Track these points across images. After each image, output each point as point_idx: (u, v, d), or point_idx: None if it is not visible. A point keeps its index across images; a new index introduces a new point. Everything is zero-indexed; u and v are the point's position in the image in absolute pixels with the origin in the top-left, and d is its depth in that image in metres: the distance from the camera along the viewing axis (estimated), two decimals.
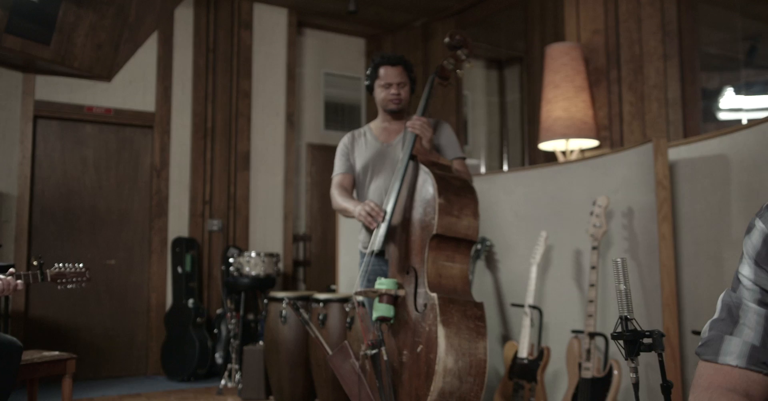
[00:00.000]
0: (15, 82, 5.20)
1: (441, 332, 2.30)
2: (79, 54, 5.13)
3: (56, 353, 3.19)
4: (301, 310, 2.67)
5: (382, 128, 3.02)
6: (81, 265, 2.93)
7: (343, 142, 3.08)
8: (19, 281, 2.73)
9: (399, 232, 2.68)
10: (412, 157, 2.71)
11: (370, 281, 2.78)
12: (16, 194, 5.16)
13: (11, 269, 2.82)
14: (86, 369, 5.21)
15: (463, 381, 2.30)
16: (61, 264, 2.89)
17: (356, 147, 3.02)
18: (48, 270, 2.84)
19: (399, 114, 3.00)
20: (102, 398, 4.64)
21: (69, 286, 2.88)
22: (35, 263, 2.84)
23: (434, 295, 2.37)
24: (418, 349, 2.39)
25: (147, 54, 5.70)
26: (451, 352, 2.29)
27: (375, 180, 2.93)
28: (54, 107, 5.35)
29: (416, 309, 2.45)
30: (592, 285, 3.07)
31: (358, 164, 2.99)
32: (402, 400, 2.45)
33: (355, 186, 3.05)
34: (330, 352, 2.60)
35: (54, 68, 5.19)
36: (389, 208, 2.63)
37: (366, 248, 2.81)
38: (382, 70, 2.90)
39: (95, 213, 5.53)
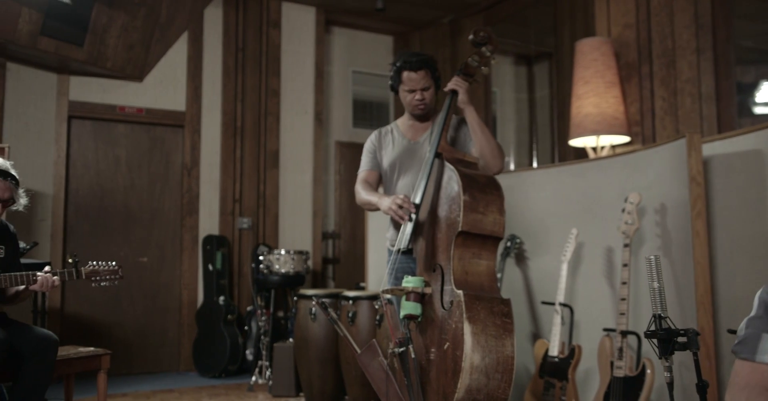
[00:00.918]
0: (50, 83, 5.31)
1: (467, 329, 2.29)
2: (112, 55, 5.21)
3: (91, 349, 3.25)
4: (330, 309, 2.68)
5: (409, 125, 3.01)
6: (114, 263, 2.99)
7: (370, 139, 3.07)
8: (55, 278, 2.79)
9: (426, 230, 2.67)
10: (438, 154, 2.70)
11: (398, 278, 2.78)
12: (51, 193, 5.27)
13: (47, 267, 2.88)
14: (119, 364, 5.29)
15: (490, 378, 2.28)
16: (95, 262, 2.95)
17: (383, 145, 3.02)
18: (83, 268, 2.90)
19: (425, 115, 2.99)
20: (135, 393, 4.72)
21: (103, 283, 2.93)
22: (70, 261, 2.90)
23: (460, 292, 2.36)
24: (445, 346, 2.38)
25: (177, 54, 5.77)
26: (477, 349, 2.28)
27: (403, 178, 2.92)
28: (87, 107, 5.45)
29: (443, 307, 2.44)
30: (624, 283, 3.03)
31: (386, 162, 2.98)
32: (430, 398, 2.44)
33: (381, 183, 3.05)
34: (358, 351, 2.60)
35: (87, 69, 5.28)
36: (417, 202, 2.63)
37: (394, 245, 2.81)
38: (404, 75, 2.85)
39: (128, 212, 5.62)
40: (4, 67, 5.02)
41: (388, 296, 2.71)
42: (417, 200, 2.63)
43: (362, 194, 2.94)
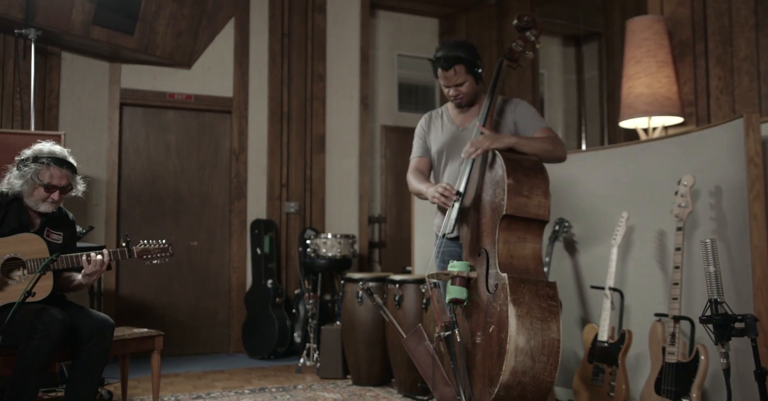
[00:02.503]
0: (102, 72, 5.43)
1: (512, 311, 2.28)
2: (161, 43, 5.30)
3: (145, 330, 3.35)
4: (375, 295, 2.69)
5: (459, 110, 2.99)
6: (164, 241, 3.05)
7: (420, 124, 3.08)
8: (102, 258, 2.84)
9: (471, 214, 2.66)
10: None
11: (444, 263, 2.78)
12: (105, 178, 5.41)
13: (105, 250, 2.94)
14: (172, 345, 5.42)
15: (536, 361, 2.27)
16: (145, 241, 3.02)
17: (432, 130, 3.02)
18: (134, 247, 2.97)
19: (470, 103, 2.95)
20: (187, 373, 4.84)
21: (154, 261, 2.99)
22: (123, 243, 2.97)
23: (505, 275, 2.35)
24: (490, 329, 2.37)
25: (224, 41, 5.83)
26: (522, 331, 2.26)
27: (450, 164, 2.91)
28: (138, 95, 5.56)
29: (488, 290, 2.44)
30: (676, 267, 2.96)
31: (434, 148, 2.98)
32: (476, 381, 2.44)
33: (432, 169, 3.04)
34: (404, 335, 2.61)
35: (138, 57, 5.39)
36: (461, 189, 2.62)
37: (440, 231, 2.81)
38: (438, 72, 2.84)
39: (178, 196, 5.74)
40: (59, 57, 5.16)
41: (434, 280, 2.72)
42: (461, 188, 2.62)
43: (413, 183, 2.95)
